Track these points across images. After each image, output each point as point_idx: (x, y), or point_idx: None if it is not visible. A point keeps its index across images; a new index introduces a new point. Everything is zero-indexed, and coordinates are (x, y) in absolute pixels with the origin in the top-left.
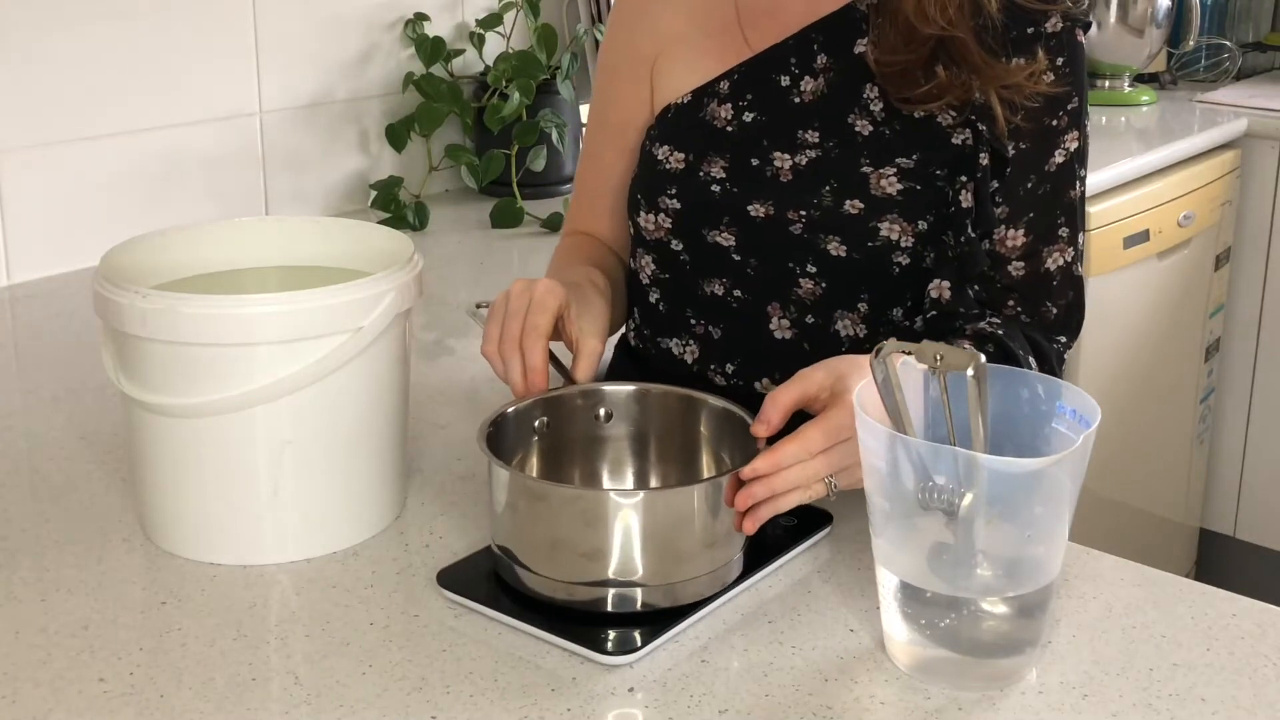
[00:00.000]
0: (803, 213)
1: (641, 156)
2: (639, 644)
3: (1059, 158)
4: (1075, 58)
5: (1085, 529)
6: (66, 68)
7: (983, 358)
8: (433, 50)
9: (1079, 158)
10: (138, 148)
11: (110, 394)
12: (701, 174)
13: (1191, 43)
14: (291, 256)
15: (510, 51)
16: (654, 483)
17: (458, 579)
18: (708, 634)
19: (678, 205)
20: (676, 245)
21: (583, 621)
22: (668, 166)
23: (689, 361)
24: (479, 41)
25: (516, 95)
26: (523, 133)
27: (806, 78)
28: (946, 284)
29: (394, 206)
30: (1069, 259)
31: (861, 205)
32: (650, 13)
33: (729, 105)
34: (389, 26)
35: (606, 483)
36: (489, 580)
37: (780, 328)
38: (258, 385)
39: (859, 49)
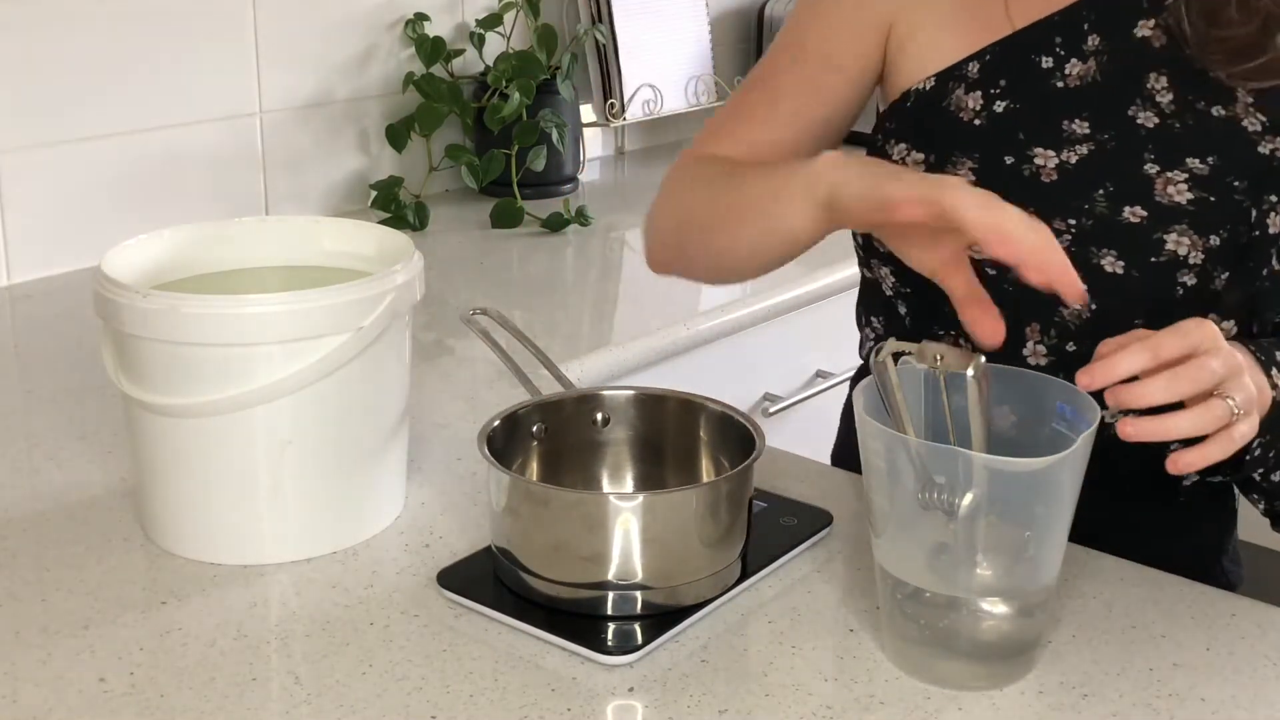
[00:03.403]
0: (1071, 221)
1: (870, 154)
2: (639, 643)
3: None
4: None
5: None
6: (66, 68)
7: (982, 358)
8: (433, 50)
9: None
10: (138, 148)
11: (110, 394)
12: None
13: None
14: (291, 256)
15: (510, 51)
16: (653, 487)
17: (458, 579)
18: (708, 634)
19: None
20: None
21: (583, 621)
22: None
23: None
24: (479, 41)
25: (516, 95)
26: (523, 133)
27: (1073, 60)
28: (1231, 324)
29: (394, 206)
30: None
31: (1144, 213)
32: None
33: (978, 93)
34: (389, 26)
35: (606, 487)
36: (489, 580)
37: (1035, 354)
38: (258, 385)
39: (1142, 32)
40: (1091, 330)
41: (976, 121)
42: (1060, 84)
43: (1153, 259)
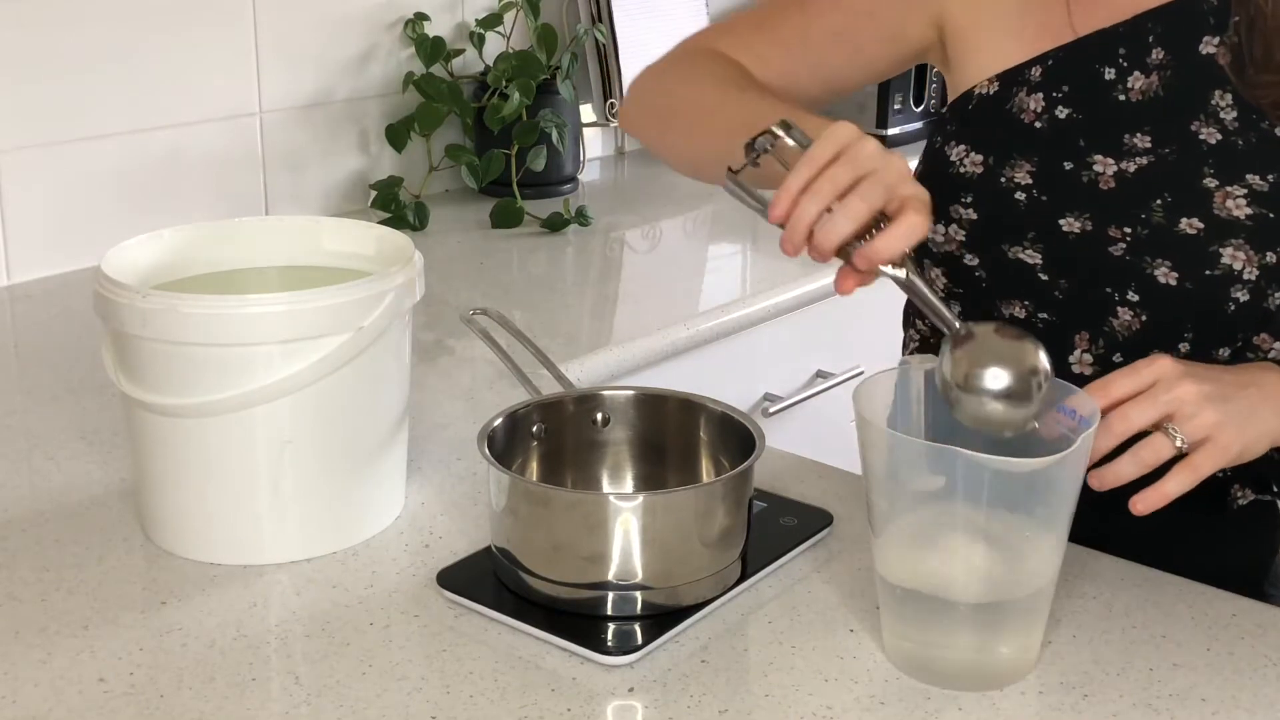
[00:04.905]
0: (1127, 230)
1: (929, 155)
2: (639, 644)
3: None
4: None
5: None
6: (66, 68)
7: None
8: (433, 50)
9: None
10: (138, 147)
11: (110, 394)
12: (1003, 179)
13: None
14: (291, 256)
15: (510, 51)
16: (653, 487)
17: (458, 579)
18: (708, 634)
19: (974, 215)
20: (970, 260)
21: (583, 621)
22: (963, 169)
23: None
24: (479, 41)
25: (516, 95)
26: (523, 133)
27: (1136, 73)
28: None
29: (394, 206)
30: None
31: (1201, 225)
32: None
33: (1039, 96)
34: (389, 26)
35: (606, 487)
36: (489, 580)
37: (1082, 362)
38: (258, 385)
39: (1207, 49)
40: (1140, 341)
41: (1037, 125)
42: (1122, 97)
43: (1207, 272)
